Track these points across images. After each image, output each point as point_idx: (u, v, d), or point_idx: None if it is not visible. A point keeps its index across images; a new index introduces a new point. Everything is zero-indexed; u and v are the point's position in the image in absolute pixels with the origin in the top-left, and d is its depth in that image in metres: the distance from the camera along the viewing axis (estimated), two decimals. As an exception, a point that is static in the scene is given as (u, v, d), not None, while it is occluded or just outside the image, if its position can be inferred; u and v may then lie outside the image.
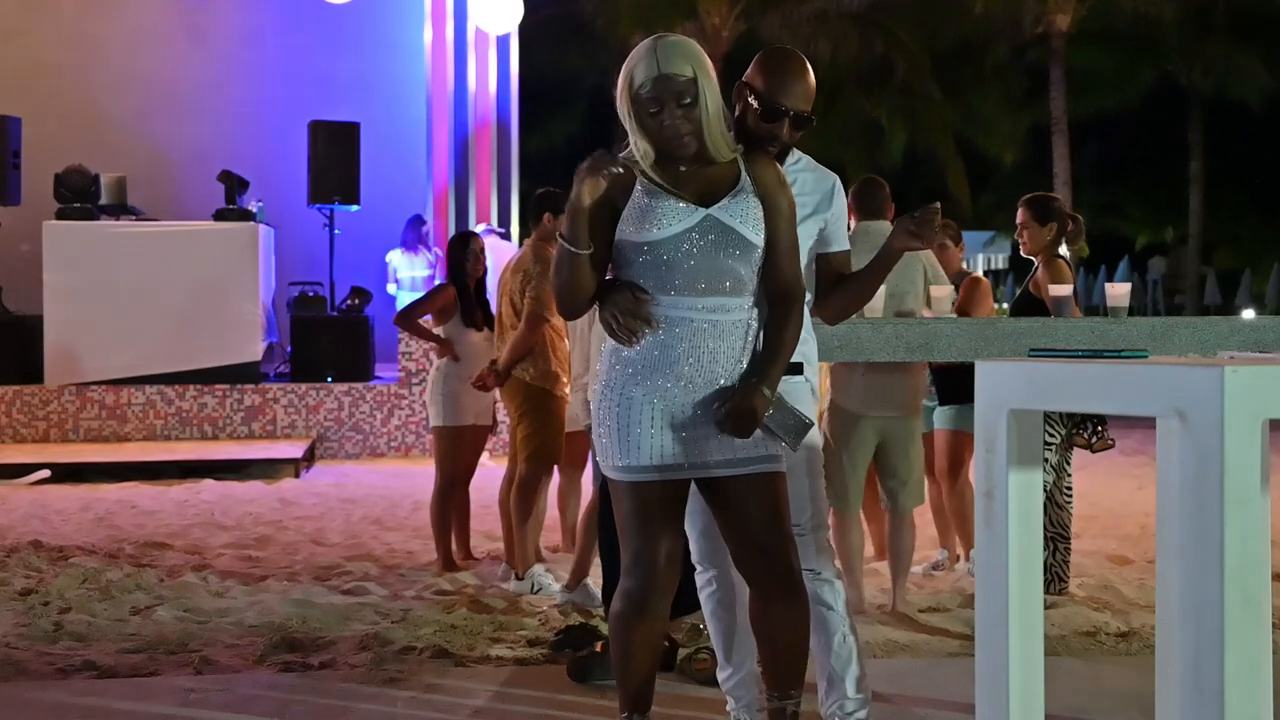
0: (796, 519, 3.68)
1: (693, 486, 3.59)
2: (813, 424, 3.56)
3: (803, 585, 3.53)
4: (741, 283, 3.42)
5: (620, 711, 3.57)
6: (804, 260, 3.67)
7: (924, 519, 7.33)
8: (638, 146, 3.43)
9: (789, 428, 3.44)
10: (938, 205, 3.69)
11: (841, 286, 3.81)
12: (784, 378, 3.57)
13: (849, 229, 4.31)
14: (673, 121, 3.36)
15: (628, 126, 3.42)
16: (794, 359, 3.65)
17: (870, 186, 6.05)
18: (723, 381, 3.42)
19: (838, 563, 3.92)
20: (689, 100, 3.35)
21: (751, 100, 3.72)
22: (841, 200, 3.84)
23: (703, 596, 3.92)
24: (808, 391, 3.76)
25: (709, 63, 3.40)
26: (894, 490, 5.94)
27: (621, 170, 3.36)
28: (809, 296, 3.78)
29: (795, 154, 3.84)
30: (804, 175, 3.80)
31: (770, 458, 3.46)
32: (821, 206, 3.78)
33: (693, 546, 3.87)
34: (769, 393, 3.41)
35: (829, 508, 3.88)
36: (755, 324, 3.47)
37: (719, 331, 3.41)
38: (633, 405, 3.42)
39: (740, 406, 3.37)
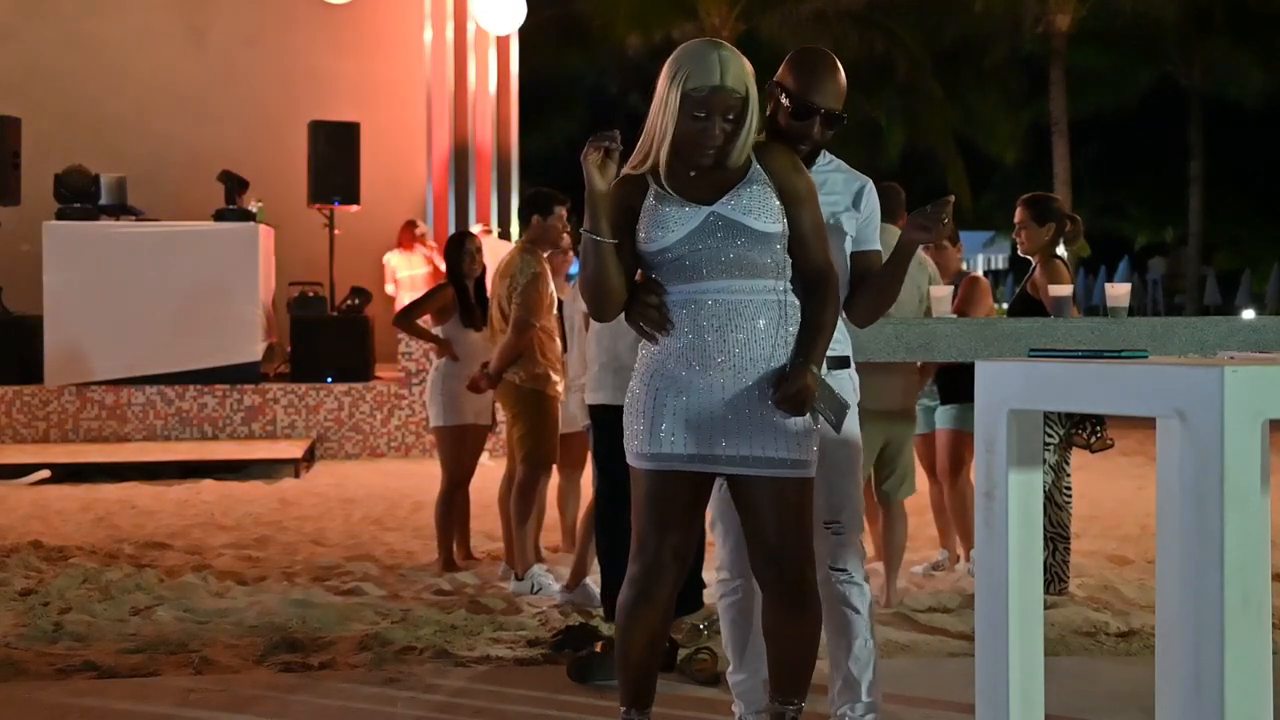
0: (836, 515, 3.72)
1: (727, 492, 3.59)
2: (850, 406, 3.60)
3: (815, 597, 3.53)
4: (764, 267, 3.43)
5: (620, 707, 3.58)
6: (839, 259, 3.69)
7: (924, 519, 7.33)
8: (656, 144, 3.41)
9: (834, 409, 3.48)
10: (951, 198, 3.71)
11: (863, 287, 3.80)
12: (832, 371, 3.62)
13: None
14: (714, 133, 3.37)
15: (659, 120, 3.40)
16: (841, 353, 3.70)
17: (886, 193, 6.10)
18: (760, 364, 3.41)
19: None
20: (733, 117, 3.37)
21: (783, 99, 3.72)
22: (873, 202, 3.84)
23: (724, 603, 3.91)
24: (850, 389, 3.79)
25: (754, 81, 3.43)
26: (888, 486, 5.98)
27: (617, 146, 3.35)
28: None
29: (826, 156, 3.84)
30: (834, 176, 3.81)
31: (798, 463, 3.45)
32: (851, 207, 3.79)
33: (724, 554, 3.87)
34: (817, 370, 3.42)
35: (863, 508, 3.89)
36: (789, 304, 3.46)
37: (748, 311, 3.41)
38: (659, 393, 3.44)
39: (794, 387, 3.38)
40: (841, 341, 3.74)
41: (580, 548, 6.22)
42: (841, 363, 3.75)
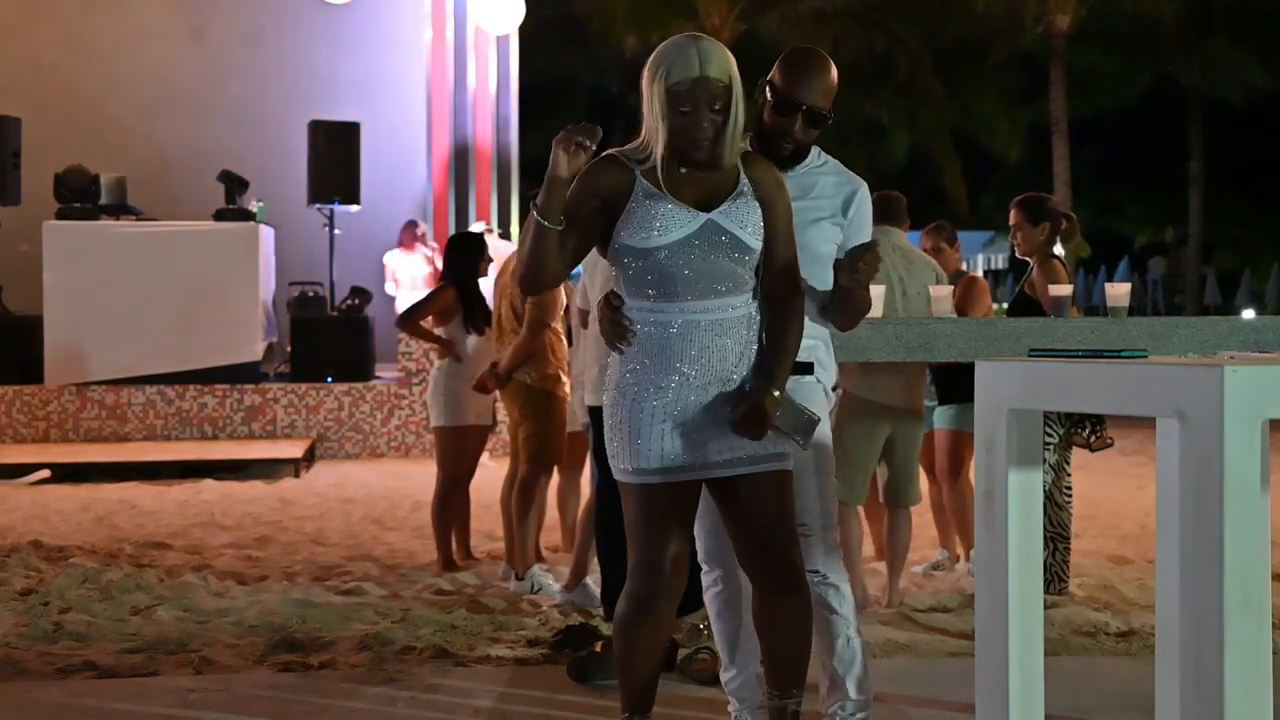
0: (802, 519, 3.67)
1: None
2: (819, 420, 3.58)
3: (805, 583, 3.54)
4: (740, 282, 3.44)
5: (622, 712, 3.58)
6: (806, 262, 3.64)
7: (924, 519, 7.33)
8: (654, 142, 3.40)
9: (798, 425, 3.47)
10: (875, 245, 3.59)
11: (834, 302, 3.73)
12: (794, 377, 3.59)
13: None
14: (702, 125, 3.36)
15: (650, 120, 3.39)
16: (804, 359, 3.65)
17: (888, 200, 6.11)
18: (731, 378, 3.43)
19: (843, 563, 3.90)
20: (720, 106, 3.36)
21: (768, 94, 3.71)
22: (864, 207, 3.77)
23: (708, 596, 3.92)
24: (820, 392, 3.75)
25: (737, 72, 3.42)
26: (897, 486, 5.97)
27: (594, 143, 3.34)
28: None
29: (821, 156, 3.80)
30: (825, 178, 3.76)
31: (777, 455, 3.47)
32: (840, 211, 3.73)
33: (700, 545, 3.86)
34: (777, 393, 3.42)
35: (837, 508, 3.88)
36: (756, 318, 3.48)
37: (721, 329, 3.42)
38: (640, 409, 3.44)
39: (751, 410, 3.39)
40: (814, 347, 3.68)
41: (578, 548, 6.21)
42: (804, 368, 3.68)
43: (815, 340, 3.73)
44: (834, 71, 3.75)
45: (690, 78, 3.33)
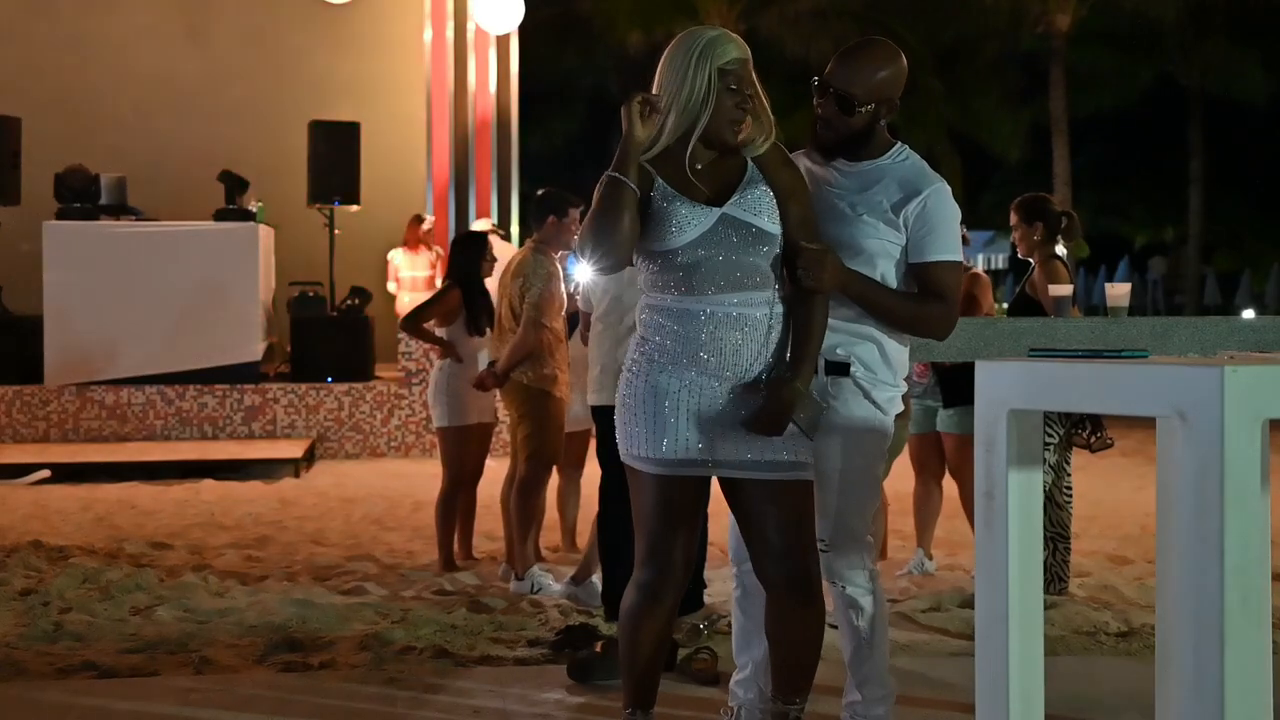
0: (822, 535, 3.64)
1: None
2: (823, 410, 3.52)
3: (820, 595, 3.52)
4: (765, 276, 3.43)
5: (624, 708, 3.58)
6: (848, 257, 3.57)
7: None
8: (677, 127, 3.40)
9: (811, 420, 3.45)
10: (817, 249, 3.50)
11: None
12: (831, 377, 3.58)
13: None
14: (747, 105, 3.42)
15: (687, 101, 3.39)
16: (841, 359, 3.61)
17: None
18: (748, 374, 3.41)
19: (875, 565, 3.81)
20: (751, 92, 3.44)
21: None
22: (930, 209, 3.61)
23: (735, 591, 3.90)
24: (858, 396, 3.63)
25: None
26: None
27: (656, 110, 3.40)
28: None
29: (903, 152, 3.71)
30: (894, 174, 3.66)
31: (797, 465, 3.45)
32: (897, 209, 3.61)
33: (734, 543, 3.80)
34: (800, 385, 3.40)
35: (870, 520, 3.74)
36: (779, 318, 3.46)
37: (742, 324, 3.41)
38: (660, 394, 3.42)
39: (771, 406, 3.37)
40: (851, 344, 3.62)
41: (590, 544, 6.18)
42: (839, 368, 3.62)
43: (858, 339, 3.64)
44: (883, 63, 3.66)
45: (739, 60, 3.42)
